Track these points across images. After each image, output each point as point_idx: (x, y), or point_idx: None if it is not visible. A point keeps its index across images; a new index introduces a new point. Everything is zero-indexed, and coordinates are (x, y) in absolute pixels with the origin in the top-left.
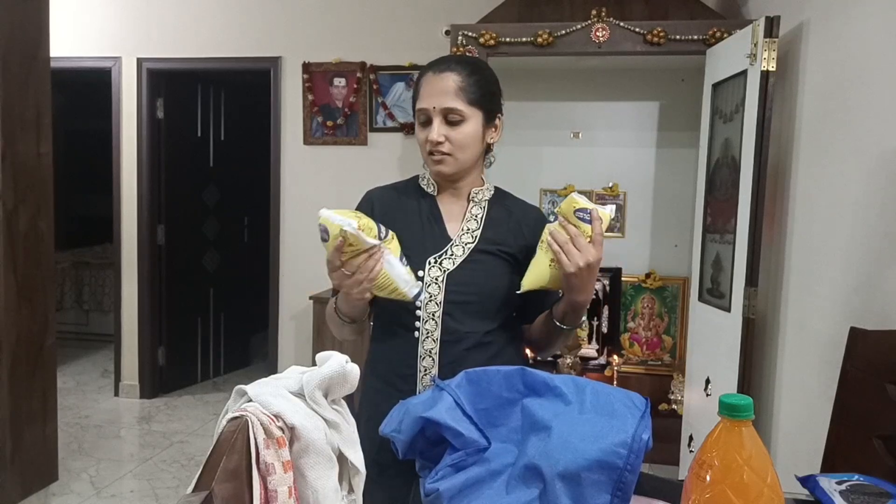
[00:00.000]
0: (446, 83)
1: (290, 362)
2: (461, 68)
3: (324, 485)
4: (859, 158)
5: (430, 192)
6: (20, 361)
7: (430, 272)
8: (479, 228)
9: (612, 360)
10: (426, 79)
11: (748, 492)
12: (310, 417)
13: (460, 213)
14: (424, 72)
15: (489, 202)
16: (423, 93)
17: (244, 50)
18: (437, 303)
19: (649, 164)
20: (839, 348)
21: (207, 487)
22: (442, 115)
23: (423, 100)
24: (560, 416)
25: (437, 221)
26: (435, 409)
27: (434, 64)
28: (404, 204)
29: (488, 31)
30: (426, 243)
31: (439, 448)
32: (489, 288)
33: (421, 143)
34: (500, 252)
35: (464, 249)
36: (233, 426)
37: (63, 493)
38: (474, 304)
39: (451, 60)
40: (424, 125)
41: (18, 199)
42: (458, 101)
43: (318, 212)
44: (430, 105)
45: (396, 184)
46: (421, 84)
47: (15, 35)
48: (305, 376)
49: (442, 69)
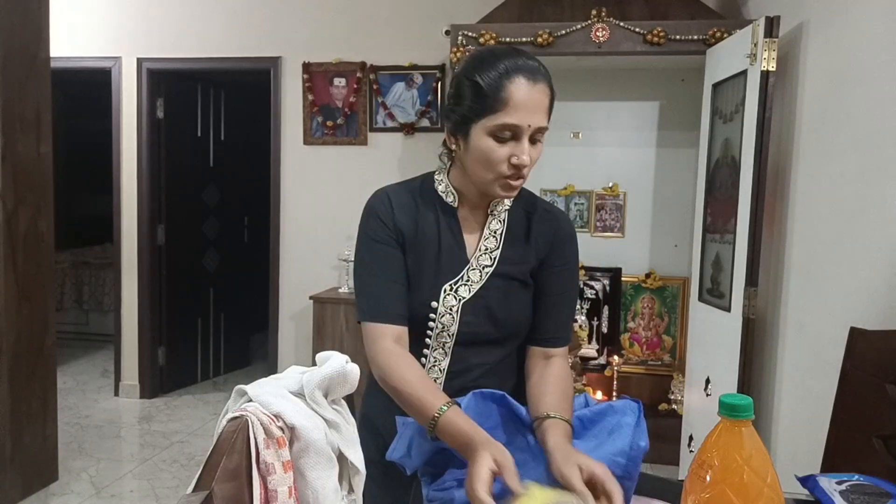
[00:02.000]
0: (542, 97)
1: (290, 362)
2: (547, 77)
3: (324, 485)
4: (859, 158)
5: (450, 202)
6: (20, 361)
7: (445, 301)
8: (499, 249)
9: (612, 360)
10: (518, 85)
11: (748, 492)
12: (310, 417)
13: (478, 228)
14: (510, 73)
15: (509, 211)
16: (516, 102)
17: (244, 50)
18: (450, 334)
19: (649, 164)
20: (839, 348)
21: (207, 487)
22: (530, 134)
23: (515, 112)
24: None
25: (457, 240)
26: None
27: (523, 68)
28: (425, 214)
29: (488, 31)
30: (443, 268)
31: (440, 455)
32: (504, 317)
33: (493, 160)
34: (519, 275)
35: (481, 274)
36: (233, 426)
37: (63, 493)
38: (488, 335)
39: (536, 64)
40: (505, 141)
41: (18, 200)
42: (546, 118)
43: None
44: (526, 123)
45: (410, 184)
46: (509, 90)
47: (15, 35)
48: (305, 376)
49: (537, 78)
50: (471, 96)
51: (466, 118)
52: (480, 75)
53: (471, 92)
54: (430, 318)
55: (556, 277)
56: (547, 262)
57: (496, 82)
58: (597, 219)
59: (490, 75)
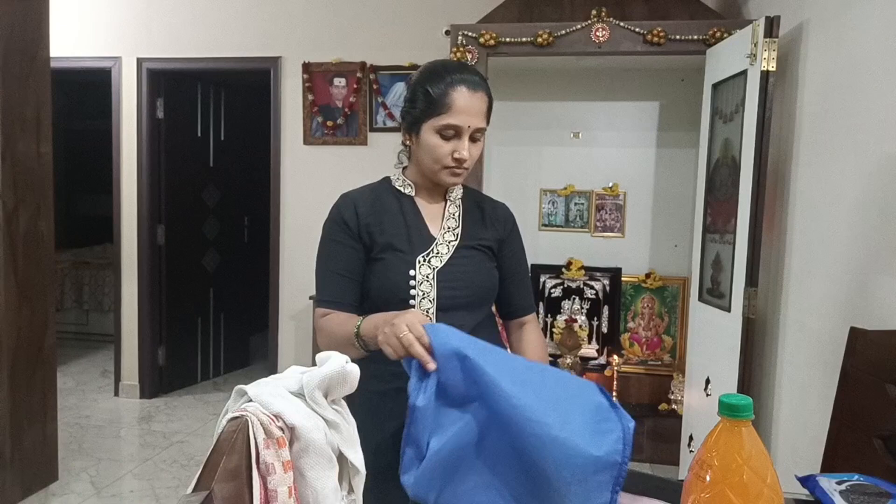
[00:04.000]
0: (481, 103)
1: (290, 362)
2: (486, 88)
3: (324, 485)
4: (859, 158)
5: (407, 192)
6: (20, 361)
7: (421, 270)
8: (459, 226)
9: (612, 360)
10: (460, 93)
11: (748, 492)
12: (310, 417)
13: (439, 213)
14: (454, 84)
15: (462, 200)
16: (457, 107)
17: (244, 50)
18: (431, 299)
19: (649, 164)
20: (839, 348)
21: (207, 487)
22: (470, 134)
23: (457, 115)
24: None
25: (420, 221)
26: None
27: (466, 80)
28: (386, 204)
29: (488, 31)
30: (414, 242)
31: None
32: (477, 281)
33: (439, 155)
34: (481, 246)
35: (448, 247)
36: (233, 426)
37: (63, 493)
38: (465, 298)
39: (478, 77)
40: (449, 139)
41: (18, 199)
42: (485, 121)
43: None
44: (466, 124)
45: (367, 187)
46: (452, 96)
47: (15, 35)
48: (305, 376)
49: (475, 86)
50: (422, 101)
51: (418, 119)
52: (430, 85)
53: (422, 98)
54: (411, 287)
55: (516, 259)
56: (508, 248)
57: (443, 90)
58: (597, 219)
59: (439, 85)
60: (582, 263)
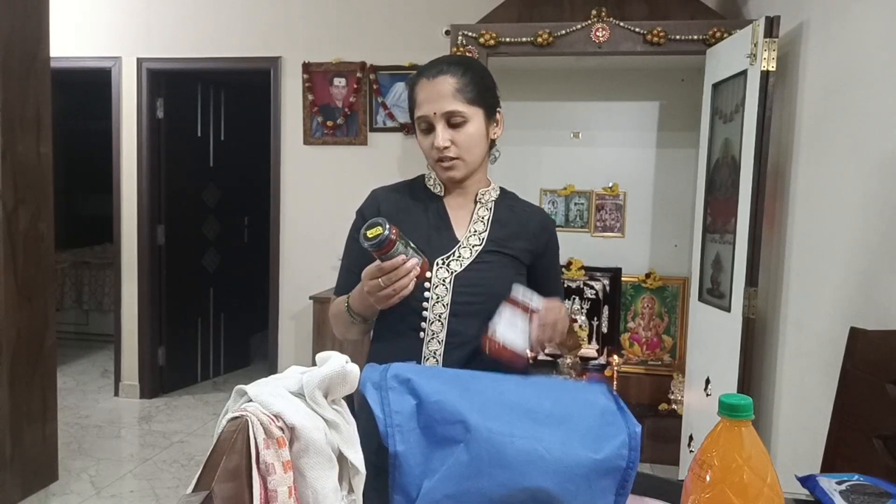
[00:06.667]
0: (443, 86)
1: (290, 362)
2: (454, 69)
3: (323, 485)
4: (859, 158)
5: (437, 192)
6: (20, 361)
7: (438, 273)
8: (486, 230)
9: (612, 360)
10: (420, 86)
11: (748, 492)
12: (310, 417)
13: (467, 215)
14: (416, 79)
15: (495, 203)
16: (420, 100)
17: (244, 50)
18: (444, 304)
19: (649, 164)
20: (839, 348)
21: (207, 487)
22: (444, 120)
23: (421, 107)
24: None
25: (445, 223)
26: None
27: (425, 69)
28: (411, 205)
29: (488, 31)
30: (433, 245)
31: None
32: (495, 289)
33: (426, 151)
34: (506, 253)
35: (471, 251)
36: (233, 426)
37: (63, 493)
38: (480, 306)
39: (441, 62)
40: (427, 132)
41: (18, 199)
42: (457, 102)
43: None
44: (431, 111)
45: (401, 184)
46: (416, 91)
47: (15, 35)
48: (305, 376)
49: (435, 73)
50: (408, 102)
51: (410, 119)
52: (407, 87)
53: (408, 99)
54: (426, 289)
55: (552, 261)
56: (547, 251)
57: (410, 89)
58: (597, 219)
59: (410, 85)
60: (582, 263)
